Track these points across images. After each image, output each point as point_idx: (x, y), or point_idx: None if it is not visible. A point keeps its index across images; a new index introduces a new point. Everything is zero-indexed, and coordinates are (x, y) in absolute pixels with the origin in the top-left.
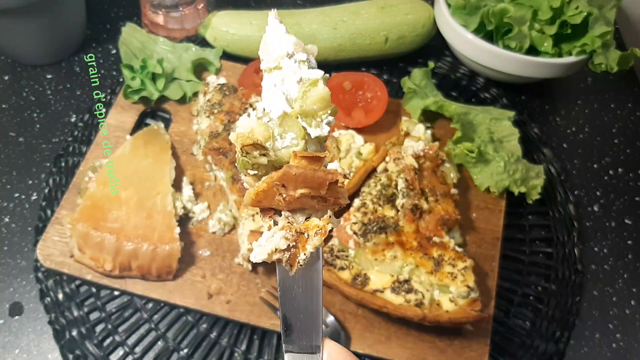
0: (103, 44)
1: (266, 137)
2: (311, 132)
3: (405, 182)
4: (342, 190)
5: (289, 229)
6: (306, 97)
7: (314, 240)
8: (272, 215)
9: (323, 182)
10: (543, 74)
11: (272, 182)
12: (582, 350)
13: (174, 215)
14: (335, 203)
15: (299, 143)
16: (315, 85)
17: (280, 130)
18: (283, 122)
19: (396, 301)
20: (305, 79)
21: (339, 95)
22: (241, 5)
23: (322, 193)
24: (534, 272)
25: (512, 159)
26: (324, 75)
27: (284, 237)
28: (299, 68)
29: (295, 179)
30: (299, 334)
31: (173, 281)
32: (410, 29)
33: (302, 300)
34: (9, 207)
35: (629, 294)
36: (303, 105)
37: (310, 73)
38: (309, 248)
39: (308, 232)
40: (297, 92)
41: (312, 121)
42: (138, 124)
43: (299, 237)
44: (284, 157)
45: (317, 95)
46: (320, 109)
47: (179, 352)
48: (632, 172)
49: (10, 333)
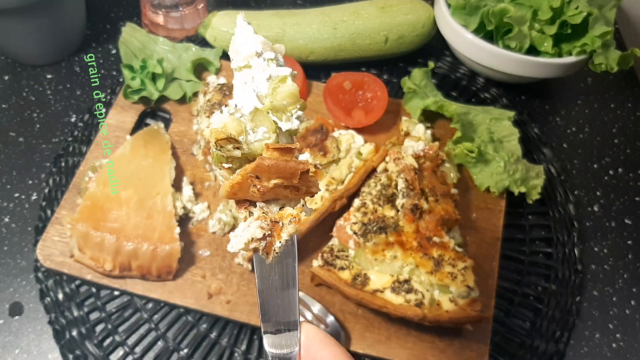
0: (103, 44)
1: (239, 131)
2: (282, 125)
3: (405, 182)
4: (313, 179)
5: (264, 219)
6: (276, 93)
7: (288, 228)
8: (248, 206)
9: (295, 171)
10: (543, 74)
11: (246, 174)
12: (582, 350)
13: (174, 215)
14: (307, 192)
15: (271, 136)
16: (284, 82)
17: (252, 125)
18: (255, 117)
19: (396, 301)
20: (275, 76)
21: (339, 95)
22: (241, 5)
23: (294, 182)
24: (534, 272)
25: (512, 159)
26: (292, 72)
27: (260, 227)
28: (267, 66)
29: (268, 170)
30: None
31: (173, 281)
32: (410, 29)
33: (279, 285)
34: (9, 207)
35: (629, 294)
36: (273, 100)
37: (279, 70)
38: (284, 236)
39: (282, 221)
40: (267, 89)
41: (283, 115)
42: (138, 124)
43: (274, 226)
44: (257, 150)
45: (286, 91)
46: (290, 104)
47: (179, 352)
48: (632, 172)
49: (10, 333)
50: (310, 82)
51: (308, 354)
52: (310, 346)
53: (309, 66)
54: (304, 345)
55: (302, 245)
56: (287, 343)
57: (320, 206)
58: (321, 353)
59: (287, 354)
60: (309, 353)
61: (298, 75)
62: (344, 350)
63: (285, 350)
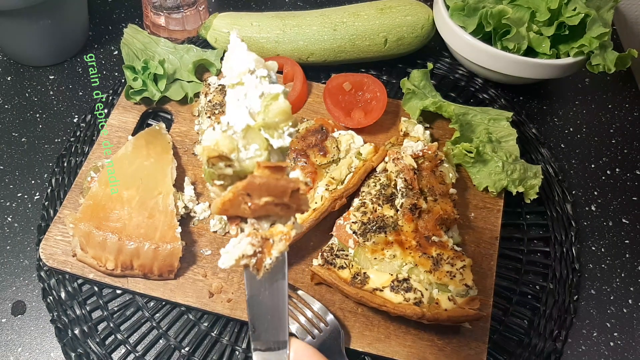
0: (105, 45)
1: (231, 149)
2: (274, 143)
3: (405, 182)
4: (303, 197)
5: (255, 236)
6: (268, 110)
7: (279, 245)
8: (239, 222)
9: (285, 190)
10: (541, 75)
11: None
12: (579, 348)
13: (176, 214)
14: (297, 209)
15: (262, 154)
16: (276, 100)
17: (244, 142)
18: (247, 135)
19: (395, 300)
20: (267, 94)
21: (338, 96)
22: (242, 7)
23: (285, 200)
24: (531, 271)
25: (510, 159)
26: (284, 89)
27: (250, 243)
28: (260, 83)
29: (259, 188)
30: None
31: (174, 280)
32: (410, 30)
33: (269, 301)
34: (12, 207)
35: (626, 293)
36: (265, 118)
37: (271, 88)
38: (275, 253)
39: (273, 238)
40: (259, 106)
41: (275, 133)
42: (140, 125)
43: (265, 243)
44: (249, 168)
45: (278, 109)
46: (282, 122)
47: (180, 350)
48: (629, 172)
49: (13, 331)
50: (310, 83)
51: None
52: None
53: (309, 67)
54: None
55: (302, 244)
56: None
57: (320, 206)
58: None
59: None
60: None
61: (298, 76)
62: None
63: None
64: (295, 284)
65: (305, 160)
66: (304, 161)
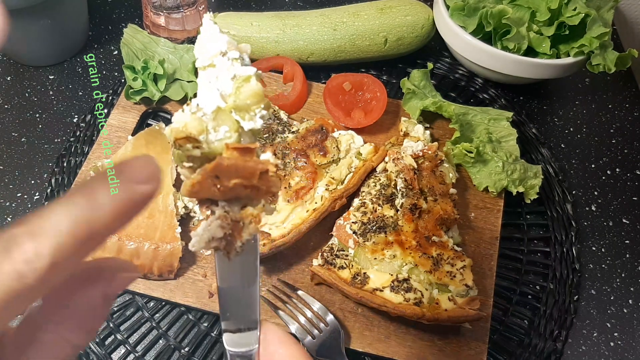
0: (105, 45)
1: (199, 130)
2: (244, 125)
3: (405, 182)
4: (273, 179)
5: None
6: (239, 92)
7: (249, 228)
8: (210, 205)
9: (254, 171)
10: (541, 75)
11: (206, 174)
12: (580, 348)
13: (176, 214)
14: (267, 192)
15: (232, 136)
16: (248, 82)
17: (214, 124)
18: (217, 116)
19: (395, 300)
20: (239, 76)
21: (338, 96)
22: (242, 6)
23: (254, 182)
24: (532, 271)
25: (510, 159)
26: (256, 72)
27: (220, 226)
28: (232, 65)
29: (227, 170)
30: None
31: (174, 280)
32: (410, 30)
33: (240, 283)
34: (12, 207)
35: (626, 293)
36: (236, 100)
37: (243, 70)
38: (245, 236)
39: (243, 221)
40: (230, 88)
41: (246, 115)
42: (140, 125)
43: (235, 226)
44: (218, 149)
45: (250, 91)
46: (253, 104)
47: (180, 351)
48: (629, 172)
49: None
50: (310, 83)
51: (266, 352)
52: (269, 344)
53: (309, 67)
54: (263, 344)
55: (302, 244)
56: (246, 342)
57: (320, 206)
58: (279, 351)
59: (247, 352)
60: (267, 351)
61: (298, 76)
62: (301, 348)
63: (244, 349)
64: (295, 284)
65: (305, 160)
66: (304, 161)
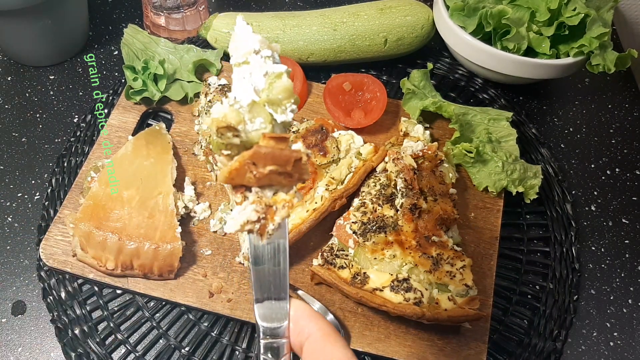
0: (105, 45)
1: (238, 121)
2: (277, 117)
3: (404, 182)
4: (305, 166)
5: (259, 203)
6: (272, 88)
7: (281, 212)
8: (244, 191)
9: (289, 159)
10: (541, 75)
11: (244, 160)
12: (579, 348)
13: (176, 214)
14: (299, 178)
15: (267, 127)
16: (279, 78)
17: (250, 116)
18: (252, 109)
19: (395, 300)
20: (271, 72)
21: (338, 96)
22: (242, 7)
23: (288, 169)
24: (531, 271)
25: (510, 159)
26: (287, 69)
27: (255, 210)
28: (264, 63)
29: (264, 157)
30: (269, 290)
31: (174, 280)
32: (409, 30)
33: (272, 264)
34: (12, 207)
35: (626, 293)
36: (269, 95)
37: (275, 67)
38: (277, 219)
39: (276, 205)
40: (263, 84)
41: (278, 108)
42: (140, 125)
43: (268, 210)
44: (254, 139)
45: (282, 87)
46: (285, 99)
47: (180, 350)
48: (629, 172)
49: (13, 331)
50: (310, 83)
51: (296, 327)
52: (298, 320)
53: (309, 67)
54: (292, 319)
55: (302, 244)
56: (277, 317)
57: (320, 206)
58: (309, 326)
59: (277, 327)
60: (297, 326)
61: (298, 76)
62: (329, 323)
63: (275, 324)
64: (295, 284)
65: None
66: None
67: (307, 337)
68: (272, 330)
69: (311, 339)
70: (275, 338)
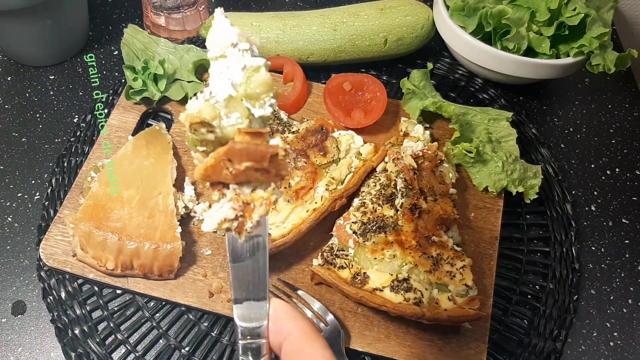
0: (105, 46)
1: (213, 116)
2: (255, 112)
3: (404, 182)
4: (283, 162)
5: (237, 200)
6: (250, 81)
7: (259, 209)
8: (221, 188)
9: (265, 155)
10: (541, 75)
11: (219, 157)
12: (579, 348)
13: (176, 214)
14: (277, 175)
15: (244, 122)
16: (257, 72)
17: (226, 111)
18: (229, 104)
19: (395, 300)
20: (249, 66)
21: (338, 96)
22: (242, 6)
23: (264, 165)
24: (531, 271)
25: (510, 159)
26: (265, 62)
27: (232, 208)
28: (242, 56)
29: (239, 153)
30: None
31: (174, 280)
32: (409, 30)
33: (251, 262)
34: (12, 207)
35: (626, 293)
36: (247, 89)
37: (253, 61)
38: (255, 217)
39: (254, 203)
40: (241, 78)
41: (256, 103)
42: (140, 125)
43: (246, 208)
44: (230, 134)
45: (260, 80)
46: (263, 92)
47: (180, 350)
48: (629, 172)
49: (13, 331)
50: (310, 83)
51: (275, 326)
52: (277, 319)
53: (309, 67)
54: (272, 319)
55: (302, 244)
56: (256, 317)
57: (320, 206)
58: (288, 326)
59: (257, 327)
60: (276, 326)
61: (298, 76)
62: (309, 323)
63: (254, 324)
64: (295, 284)
65: (305, 160)
66: (304, 161)
67: (285, 336)
68: (250, 331)
69: (290, 339)
70: (254, 338)
